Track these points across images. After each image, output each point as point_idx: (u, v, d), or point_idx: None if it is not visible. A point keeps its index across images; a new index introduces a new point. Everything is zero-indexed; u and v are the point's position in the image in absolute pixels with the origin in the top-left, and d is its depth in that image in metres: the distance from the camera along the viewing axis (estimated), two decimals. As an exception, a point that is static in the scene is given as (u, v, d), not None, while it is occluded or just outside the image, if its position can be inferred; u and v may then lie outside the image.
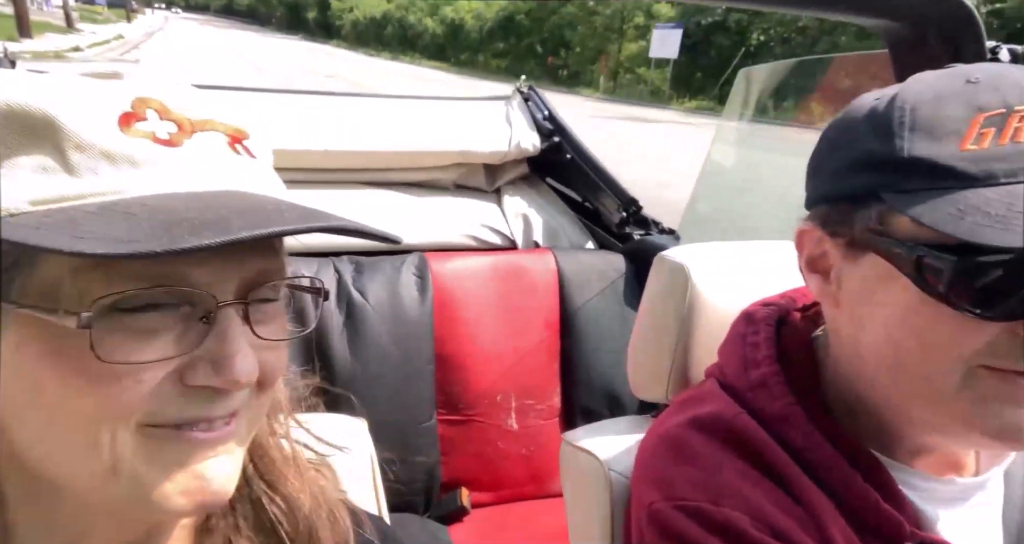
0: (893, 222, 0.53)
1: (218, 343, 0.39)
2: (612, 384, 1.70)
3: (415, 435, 1.59)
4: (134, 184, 0.37)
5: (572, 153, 1.91)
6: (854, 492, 0.59)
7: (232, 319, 0.40)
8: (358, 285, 1.58)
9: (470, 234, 1.84)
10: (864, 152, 0.55)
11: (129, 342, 0.37)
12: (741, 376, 0.67)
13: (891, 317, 0.55)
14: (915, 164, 0.52)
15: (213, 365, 0.39)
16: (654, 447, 0.68)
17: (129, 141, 0.37)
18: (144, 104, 0.39)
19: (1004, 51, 0.89)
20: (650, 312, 0.90)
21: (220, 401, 0.40)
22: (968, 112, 0.51)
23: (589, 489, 0.84)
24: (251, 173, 0.42)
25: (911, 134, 0.52)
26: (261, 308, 0.43)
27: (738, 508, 0.58)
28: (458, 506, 1.61)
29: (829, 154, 0.60)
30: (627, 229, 1.86)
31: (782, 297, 0.74)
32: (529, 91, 1.99)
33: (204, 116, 0.41)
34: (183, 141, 0.39)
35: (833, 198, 0.59)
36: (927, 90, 0.54)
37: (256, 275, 0.41)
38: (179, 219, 0.34)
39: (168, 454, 0.39)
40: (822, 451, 0.60)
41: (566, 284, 1.73)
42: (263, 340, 0.42)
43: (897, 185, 0.53)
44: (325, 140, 1.70)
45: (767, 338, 0.68)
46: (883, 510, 0.58)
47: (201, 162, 0.39)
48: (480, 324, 1.67)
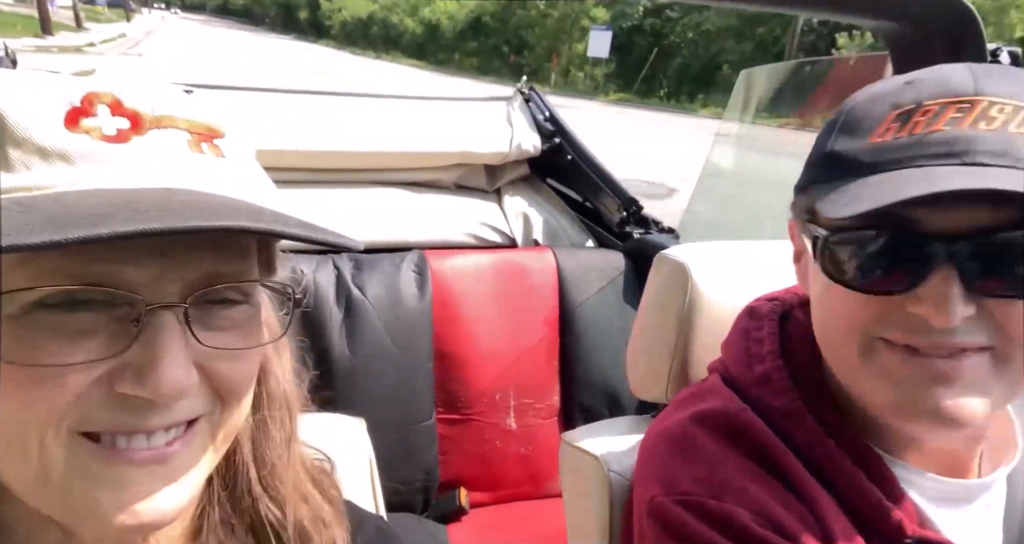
0: (814, 210, 0.58)
1: (145, 348, 0.37)
2: (611, 383, 1.70)
3: (414, 434, 1.59)
4: (64, 180, 0.36)
5: (573, 154, 1.91)
6: (856, 489, 0.59)
7: (165, 324, 0.37)
8: (357, 282, 1.58)
9: (470, 232, 1.84)
10: (814, 149, 0.62)
11: (54, 343, 0.35)
12: (745, 371, 0.67)
13: (815, 297, 0.61)
14: (832, 158, 0.58)
15: (138, 372, 0.37)
16: (656, 442, 0.68)
17: (70, 137, 0.36)
18: (96, 99, 0.38)
19: (1004, 53, 0.89)
20: (650, 311, 0.90)
21: (157, 411, 0.38)
22: (886, 109, 0.55)
23: (588, 489, 0.84)
24: (211, 172, 0.40)
25: (838, 132, 0.58)
26: (219, 313, 0.40)
27: (740, 503, 0.58)
28: (456, 506, 1.60)
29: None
30: (627, 228, 1.86)
31: (786, 292, 0.74)
32: (530, 92, 1.99)
33: (165, 112, 0.39)
34: (132, 138, 0.38)
35: (798, 191, 0.64)
36: (869, 92, 0.59)
37: (204, 277, 0.39)
38: (82, 212, 0.33)
39: (100, 469, 0.37)
40: (825, 448, 0.60)
41: (566, 282, 1.73)
42: (210, 348, 0.39)
43: (820, 177, 0.58)
44: (327, 140, 1.70)
45: (771, 333, 0.68)
46: (884, 508, 0.58)
47: (148, 159, 0.38)
48: (479, 322, 1.67)
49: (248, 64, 20.95)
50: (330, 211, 1.71)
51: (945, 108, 0.52)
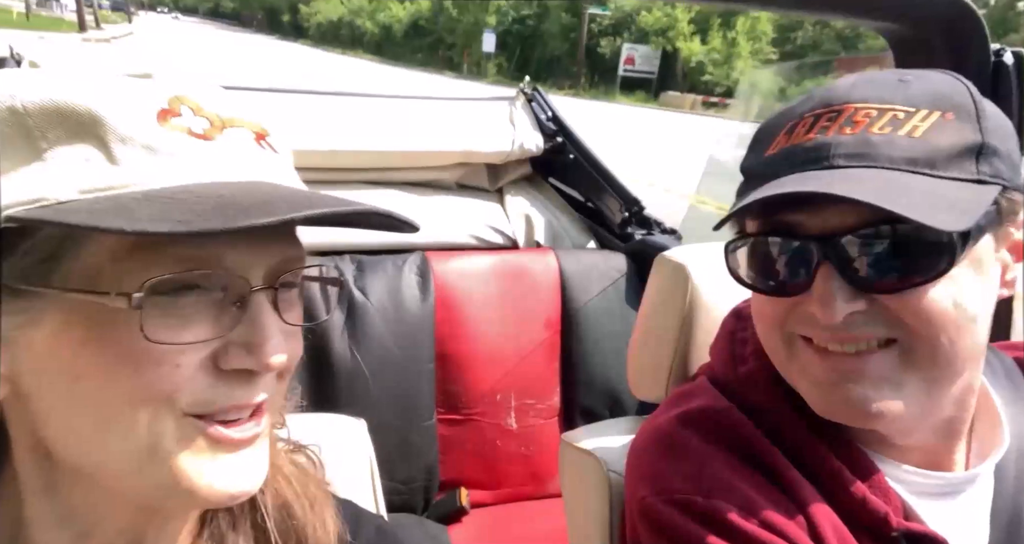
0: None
1: (251, 327, 0.41)
2: (612, 384, 1.70)
3: (415, 434, 1.59)
4: (174, 173, 0.39)
5: (575, 153, 1.91)
6: (841, 484, 0.59)
7: (264, 304, 0.41)
8: (360, 284, 1.58)
9: (472, 233, 1.84)
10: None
11: (170, 325, 0.38)
12: (730, 371, 0.68)
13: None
14: (743, 173, 0.63)
15: (247, 348, 0.40)
16: (644, 442, 0.69)
17: (167, 134, 0.40)
18: (180, 101, 0.41)
19: (1008, 54, 0.89)
20: (651, 312, 0.90)
21: (252, 386, 0.42)
22: (781, 123, 0.60)
23: (588, 489, 0.84)
24: (276, 167, 0.44)
25: (748, 150, 0.63)
26: (283, 295, 0.44)
27: (728, 500, 0.58)
28: (457, 506, 1.60)
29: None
30: (629, 229, 1.85)
31: None
32: (533, 92, 1.99)
33: (231, 114, 0.43)
34: (215, 136, 0.42)
35: None
36: (779, 109, 0.63)
37: (281, 261, 0.43)
38: (226, 203, 0.36)
39: (204, 447, 0.41)
40: (809, 444, 0.61)
41: (567, 284, 1.73)
42: (288, 325, 0.43)
43: (737, 191, 0.62)
44: (329, 140, 1.70)
45: (755, 334, 0.68)
46: (870, 502, 0.58)
47: (233, 155, 0.42)
48: (481, 323, 1.67)
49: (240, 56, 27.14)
50: None
51: (819, 118, 0.57)
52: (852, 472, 0.60)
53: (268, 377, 0.42)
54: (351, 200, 0.42)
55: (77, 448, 0.41)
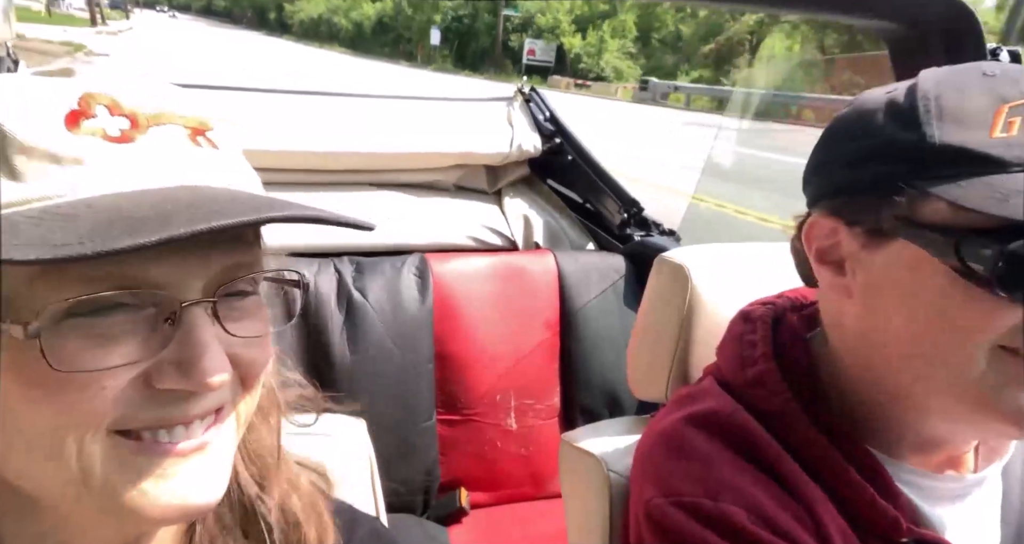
0: (925, 208, 0.53)
1: (184, 345, 0.38)
2: (611, 384, 1.70)
3: (414, 435, 1.59)
4: (82, 184, 0.36)
5: (573, 154, 1.91)
6: (850, 488, 0.59)
7: (199, 318, 0.38)
8: (358, 285, 1.58)
9: (471, 235, 1.84)
10: (886, 141, 0.55)
11: (89, 348, 0.36)
12: (738, 373, 0.67)
13: (919, 303, 0.55)
14: (947, 151, 0.52)
15: (179, 368, 0.37)
16: (651, 444, 0.68)
17: (76, 140, 0.36)
18: (93, 100, 0.38)
19: (1004, 53, 0.89)
20: (650, 313, 0.90)
21: (194, 401, 0.39)
22: (992, 102, 0.52)
23: (588, 490, 0.84)
24: (213, 165, 0.41)
25: (940, 122, 0.52)
26: (235, 304, 0.41)
27: (735, 503, 0.57)
28: (457, 506, 1.60)
29: (841, 146, 0.60)
30: (628, 230, 1.86)
31: (778, 297, 0.74)
32: (531, 93, 1.99)
33: (160, 109, 0.40)
34: (136, 137, 0.38)
35: (851, 188, 0.58)
36: (947, 81, 0.55)
37: (225, 270, 0.40)
38: (119, 218, 0.33)
39: (142, 464, 0.38)
40: (819, 447, 0.60)
41: (566, 285, 1.73)
42: (237, 337, 0.40)
43: (928, 172, 0.52)
44: (326, 142, 1.70)
45: (764, 336, 0.68)
46: (879, 506, 0.58)
47: (156, 157, 0.38)
48: (480, 324, 1.67)
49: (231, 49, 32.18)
50: None
51: None
52: (862, 475, 0.59)
53: (216, 392, 0.40)
54: (286, 202, 0.39)
55: (17, 477, 0.39)
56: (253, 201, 0.38)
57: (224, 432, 0.42)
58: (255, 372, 0.43)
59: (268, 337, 0.44)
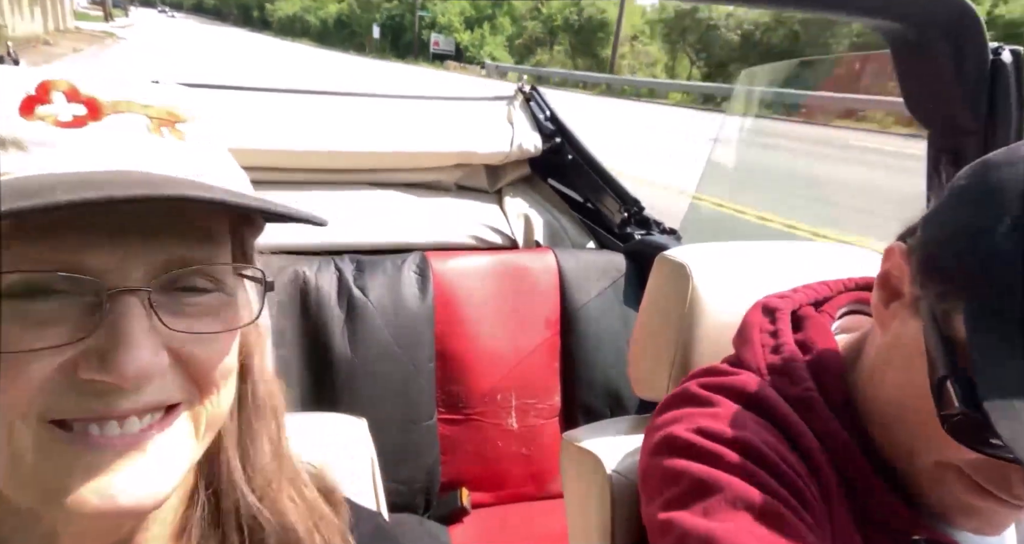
0: (956, 325, 0.49)
1: (108, 334, 0.36)
2: (613, 383, 1.70)
3: (416, 434, 1.59)
4: (18, 166, 0.35)
5: (574, 154, 1.91)
6: (866, 482, 0.59)
7: (129, 308, 0.37)
8: (359, 283, 1.58)
9: (471, 233, 1.84)
10: (986, 261, 0.47)
11: (17, 331, 0.35)
12: (760, 361, 0.67)
13: (908, 385, 0.55)
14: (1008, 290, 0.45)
15: (101, 358, 0.36)
16: (670, 400, 0.68)
17: (25, 124, 0.36)
18: (51, 86, 0.38)
19: (1006, 52, 0.89)
20: (651, 311, 0.90)
21: (124, 396, 0.37)
22: None
23: (589, 489, 0.84)
24: (169, 154, 0.39)
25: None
26: (188, 299, 0.40)
27: (756, 440, 0.57)
28: (458, 506, 1.61)
29: (952, 219, 0.52)
30: (628, 229, 1.85)
31: (794, 292, 0.75)
32: (531, 92, 1.99)
33: (123, 98, 0.39)
34: (88, 123, 0.38)
35: (932, 260, 0.53)
36: None
37: (170, 262, 0.39)
38: (36, 188, 0.32)
39: (73, 456, 0.37)
40: (838, 438, 0.60)
41: (567, 283, 1.73)
42: (179, 332, 0.39)
43: (984, 306, 0.47)
44: (328, 140, 1.70)
45: (784, 327, 0.68)
46: (894, 504, 0.58)
47: (103, 143, 0.37)
48: (481, 323, 1.67)
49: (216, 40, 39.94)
50: (331, 212, 1.71)
51: None
52: (877, 470, 0.59)
53: (153, 388, 0.38)
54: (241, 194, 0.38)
55: None
56: (187, 185, 0.36)
57: (172, 434, 0.40)
58: (207, 372, 0.41)
59: (227, 337, 0.42)
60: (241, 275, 0.45)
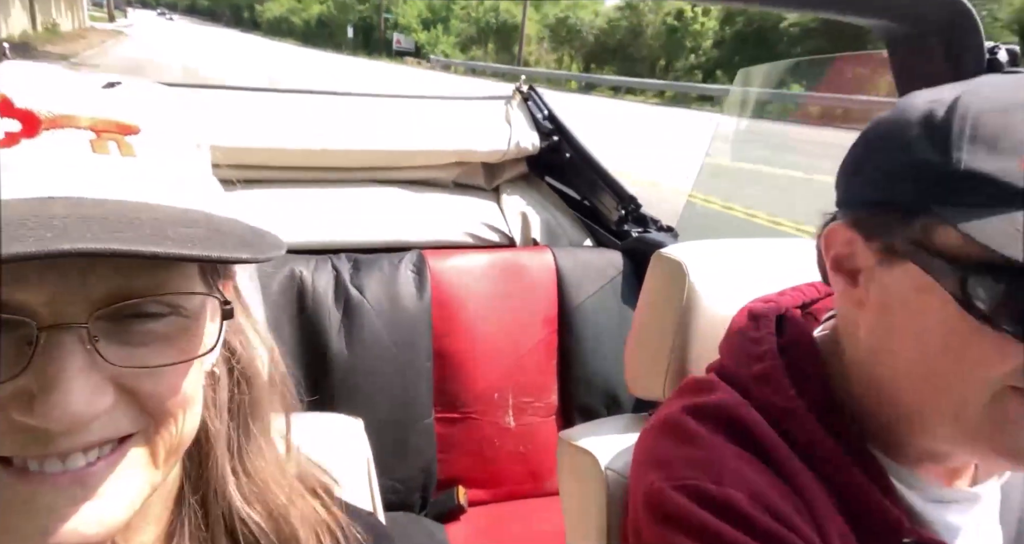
0: (939, 235, 0.51)
1: (38, 375, 0.34)
2: (610, 382, 1.70)
3: (412, 433, 1.59)
4: None
5: (571, 152, 1.91)
6: (853, 487, 0.59)
7: (62, 345, 0.34)
8: (356, 282, 1.58)
9: (468, 232, 1.84)
10: (915, 160, 0.53)
11: None
12: (743, 370, 0.67)
13: (924, 329, 0.54)
14: (971, 178, 0.49)
15: (29, 401, 0.34)
16: (655, 432, 0.68)
17: None
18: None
19: (1003, 52, 0.89)
20: (648, 309, 0.90)
21: (63, 435, 0.35)
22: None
23: (586, 488, 0.84)
24: (112, 174, 0.36)
25: (971, 146, 0.50)
26: (136, 328, 0.37)
27: (738, 488, 0.57)
28: (455, 504, 1.61)
29: (873, 156, 0.58)
30: (625, 227, 1.86)
31: (781, 295, 0.74)
32: (529, 91, 1.99)
33: (64, 110, 0.36)
34: (21, 140, 0.35)
35: (872, 203, 0.57)
36: (992, 100, 0.52)
37: (109, 294, 0.36)
38: None
39: (13, 493, 0.35)
40: (823, 446, 0.60)
41: (564, 281, 1.73)
42: (123, 367, 0.36)
43: (949, 198, 0.50)
44: (326, 139, 1.70)
45: (768, 334, 0.67)
46: (882, 506, 0.58)
47: (34, 164, 0.34)
48: (478, 321, 1.67)
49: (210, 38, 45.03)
50: (328, 211, 1.71)
51: None
52: (865, 475, 0.59)
53: (97, 426, 0.36)
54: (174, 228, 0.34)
55: None
56: (113, 223, 0.32)
57: (125, 466, 0.38)
58: (159, 404, 0.39)
59: (182, 367, 0.39)
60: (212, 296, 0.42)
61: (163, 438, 0.40)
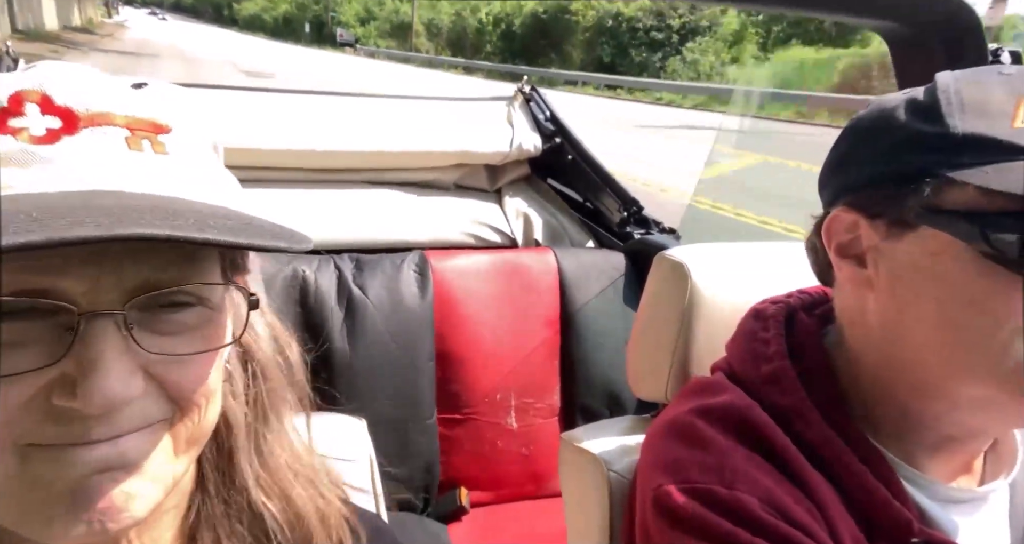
0: (951, 195, 0.54)
1: (80, 359, 0.35)
2: (612, 383, 1.70)
3: (415, 433, 1.59)
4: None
5: (573, 154, 1.91)
6: (864, 487, 0.59)
7: (102, 332, 0.36)
8: (359, 282, 1.58)
9: (471, 232, 1.84)
10: (910, 134, 0.56)
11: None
12: (751, 371, 0.67)
13: (944, 291, 0.55)
14: (971, 140, 0.53)
15: (71, 384, 0.35)
16: (663, 433, 0.68)
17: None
18: (24, 97, 0.36)
19: (1005, 54, 0.89)
20: (650, 311, 0.90)
21: (99, 422, 0.36)
22: (1012, 95, 0.54)
23: (588, 489, 0.84)
24: (147, 171, 0.38)
25: (962, 114, 0.54)
26: (168, 316, 0.39)
27: (749, 492, 0.57)
28: (457, 505, 1.61)
29: (865, 143, 0.61)
30: (628, 228, 1.85)
31: (788, 296, 0.74)
32: (531, 92, 1.99)
33: (101, 109, 0.38)
34: (62, 137, 0.36)
35: (875, 181, 0.59)
36: (965, 78, 0.57)
37: (145, 283, 0.37)
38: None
39: (52, 475, 0.36)
40: (832, 445, 0.60)
41: (567, 283, 1.73)
42: (156, 354, 0.38)
43: (953, 161, 0.53)
44: (328, 140, 1.70)
45: (777, 334, 0.68)
46: (892, 506, 0.58)
47: (77, 160, 0.36)
48: (480, 322, 1.67)
49: (193, 32, 55.39)
50: (331, 211, 1.72)
51: None
52: (875, 475, 0.59)
53: (130, 411, 0.37)
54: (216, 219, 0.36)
55: None
56: (157, 212, 0.34)
57: (146, 451, 0.39)
58: (186, 393, 0.40)
59: (207, 356, 0.41)
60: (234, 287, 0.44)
61: (186, 427, 0.41)
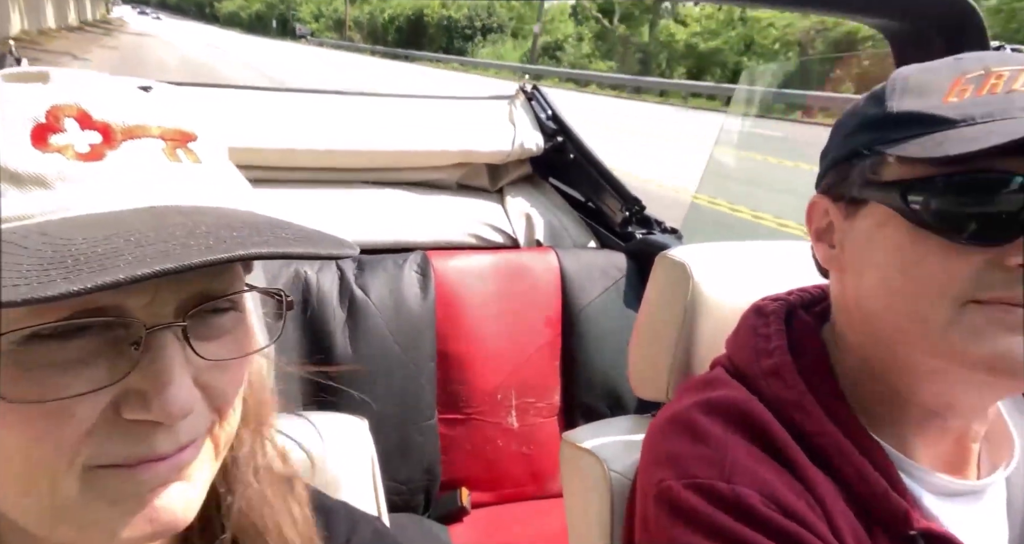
0: (885, 169, 0.58)
1: (149, 372, 0.35)
2: (613, 383, 1.70)
3: (416, 434, 1.59)
4: (43, 208, 0.33)
5: (575, 153, 1.90)
6: (862, 480, 0.59)
7: (168, 345, 0.36)
8: (360, 282, 1.58)
9: (472, 233, 1.84)
10: (860, 118, 0.62)
11: (54, 375, 0.34)
12: (752, 365, 0.68)
13: (884, 258, 0.59)
14: (902, 117, 0.58)
15: (145, 396, 0.35)
16: (664, 429, 0.68)
17: (42, 158, 0.34)
18: (61, 113, 0.35)
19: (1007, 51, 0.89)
20: (651, 311, 0.90)
21: (165, 435, 0.37)
22: (951, 75, 0.58)
23: (589, 489, 0.84)
24: (191, 181, 0.38)
25: (901, 95, 0.59)
26: (209, 322, 0.39)
27: (750, 486, 0.57)
28: (458, 506, 1.60)
29: (834, 134, 0.66)
30: (630, 228, 1.85)
31: (788, 294, 0.75)
32: (533, 91, 1.99)
33: (136, 121, 0.37)
34: (106, 153, 0.36)
35: (834, 164, 0.64)
36: (925, 67, 0.61)
37: (199, 294, 0.38)
38: (66, 254, 0.31)
39: (116, 492, 0.37)
40: (832, 438, 0.61)
41: (568, 283, 1.73)
42: (208, 361, 0.38)
43: (888, 137, 0.58)
44: (330, 139, 1.70)
45: (777, 330, 0.69)
46: (891, 499, 0.58)
47: (127, 176, 0.36)
48: (482, 322, 1.67)
49: (180, 27, 60.70)
50: (332, 211, 1.72)
51: (1017, 73, 0.56)
52: (874, 467, 0.59)
53: (187, 423, 0.38)
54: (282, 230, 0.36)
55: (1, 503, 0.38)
56: (240, 229, 0.34)
57: (194, 459, 0.40)
58: (227, 397, 0.41)
59: (244, 359, 0.42)
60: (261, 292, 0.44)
61: (224, 431, 0.42)
